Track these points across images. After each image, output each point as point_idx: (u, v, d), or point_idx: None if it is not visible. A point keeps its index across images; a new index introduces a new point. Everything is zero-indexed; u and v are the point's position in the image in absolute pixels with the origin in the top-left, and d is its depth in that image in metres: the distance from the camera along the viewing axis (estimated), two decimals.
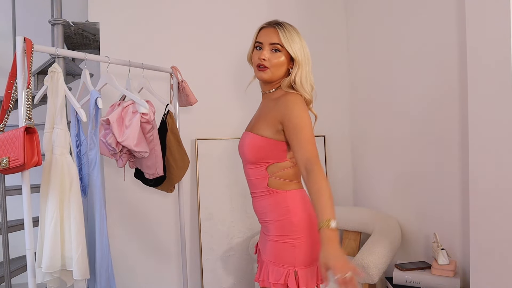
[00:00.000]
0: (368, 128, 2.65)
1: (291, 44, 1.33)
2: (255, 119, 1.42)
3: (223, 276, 2.53)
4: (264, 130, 1.33)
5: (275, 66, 1.34)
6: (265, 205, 1.37)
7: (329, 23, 2.84)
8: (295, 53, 1.33)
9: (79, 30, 2.46)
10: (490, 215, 1.44)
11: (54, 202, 1.52)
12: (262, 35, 1.37)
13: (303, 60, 1.35)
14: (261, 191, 1.37)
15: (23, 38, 1.46)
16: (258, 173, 1.36)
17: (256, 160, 1.35)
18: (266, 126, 1.34)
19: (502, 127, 1.38)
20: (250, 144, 1.35)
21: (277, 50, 1.34)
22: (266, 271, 1.33)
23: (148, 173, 1.95)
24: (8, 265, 1.96)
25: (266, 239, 1.38)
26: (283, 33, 1.33)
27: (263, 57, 1.33)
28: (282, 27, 1.35)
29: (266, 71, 1.35)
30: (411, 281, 1.87)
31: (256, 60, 1.36)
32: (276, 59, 1.34)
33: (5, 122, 1.52)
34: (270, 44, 1.34)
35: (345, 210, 2.59)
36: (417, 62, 2.12)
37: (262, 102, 1.47)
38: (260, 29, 1.39)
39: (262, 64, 1.34)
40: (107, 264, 1.64)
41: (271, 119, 1.33)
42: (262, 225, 1.43)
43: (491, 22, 1.40)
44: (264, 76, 1.36)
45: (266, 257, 1.35)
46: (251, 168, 1.38)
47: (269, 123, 1.33)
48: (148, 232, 2.48)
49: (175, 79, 2.20)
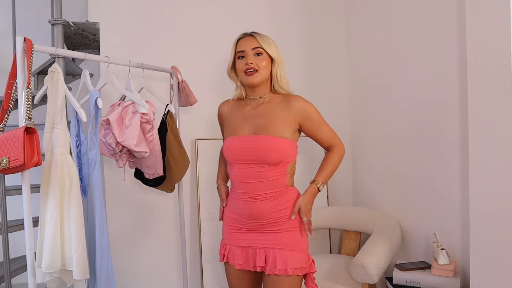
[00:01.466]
0: (368, 128, 2.65)
1: (269, 47, 1.49)
2: (265, 123, 1.49)
3: (223, 276, 2.53)
4: (285, 132, 1.46)
5: (263, 68, 1.48)
6: (282, 202, 1.48)
7: (329, 23, 2.84)
8: (273, 54, 1.49)
9: (79, 30, 2.46)
10: (490, 215, 1.44)
11: (54, 202, 1.52)
12: (242, 44, 1.50)
13: (280, 60, 1.51)
14: (279, 190, 1.47)
15: (23, 38, 1.46)
16: (279, 173, 1.47)
17: (280, 161, 1.46)
18: (285, 129, 1.47)
19: (502, 127, 1.38)
20: (277, 146, 1.44)
21: (260, 54, 1.48)
22: (282, 259, 1.43)
23: (148, 173, 1.95)
24: (8, 265, 1.96)
25: (278, 231, 1.48)
26: (261, 38, 1.49)
27: (250, 61, 1.46)
28: (258, 34, 1.50)
29: (255, 74, 1.47)
30: (411, 281, 1.87)
31: (242, 67, 1.48)
32: (261, 62, 1.48)
33: (5, 122, 1.52)
34: (252, 49, 1.48)
35: (345, 210, 2.59)
36: (417, 62, 2.12)
37: (249, 106, 1.56)
38: (237, 40, 1.54)
39: (250, 68, 1.46)
40: (107, 264, 1.64)
41: (290, 121, 1.48)
42: (272, 223, 1.48)
43: (491, 22, 1.40)
44: (254, 80, 1.48)
45: (283, 247, 1.45)
46: (271, 169, 1.46)
47: (289, 125, 1.48)
48: (148, 232, 2.48)
49: (175, 79, 2.20)
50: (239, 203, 1.52)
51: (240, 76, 1.51)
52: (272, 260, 1.45)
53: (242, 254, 1.52)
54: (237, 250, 1.53)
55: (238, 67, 1.50)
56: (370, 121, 2.62)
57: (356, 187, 2.85)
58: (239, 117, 1.55)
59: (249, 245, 1.51)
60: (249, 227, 1.51)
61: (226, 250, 1.57)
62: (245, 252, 1.52)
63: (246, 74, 1.47)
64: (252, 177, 1.47)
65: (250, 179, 1.47)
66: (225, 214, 1.62)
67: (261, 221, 1.48)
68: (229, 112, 1.61)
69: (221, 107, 1.68)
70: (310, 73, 2.74)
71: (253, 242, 1.50)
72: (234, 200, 1.55)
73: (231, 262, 1.54)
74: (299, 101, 1.51)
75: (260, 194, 1.47)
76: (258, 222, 1.49)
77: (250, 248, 1.51)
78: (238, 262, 1.52)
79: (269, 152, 1.44)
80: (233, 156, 1.50)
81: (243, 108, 1.57)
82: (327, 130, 1.57)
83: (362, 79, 2.70)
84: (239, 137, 1.50)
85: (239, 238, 1.53)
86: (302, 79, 2.74)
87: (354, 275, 1.86)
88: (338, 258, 2.38)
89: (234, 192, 1.56)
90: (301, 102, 1.50)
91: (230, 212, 1.58)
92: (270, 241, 1.48)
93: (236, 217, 1.55)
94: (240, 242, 1.53)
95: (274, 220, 1.48)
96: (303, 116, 1.50)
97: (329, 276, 2.06)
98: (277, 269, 1.43)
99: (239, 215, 1.53)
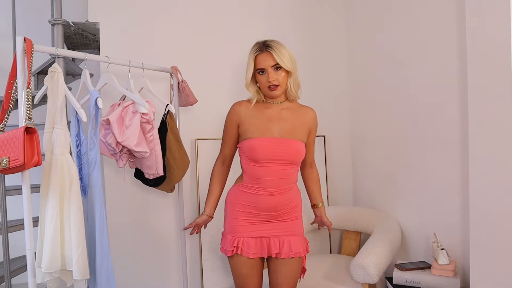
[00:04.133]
0: (368, 128, 2.65)
1: (284, 60, 1.62)
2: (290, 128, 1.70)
3: (223, 276, 2.53)
4: (303, 137, 1.72)
5: (282, 82, 1.65)
6: (294, 193, 1.74)
7: (329, 23, 2.84)
8: (289, 68, 1.64)
9: (79, 30, 2.46)
10: (490, 215, 1.44)
11: (54, 202, 1.52)
12: (261, 61, 1.64)
13: (293, 68, 1.67)
14: (292, 184, 1.72)
15: (23, 38, 1.46)
16: (296, 170, 1.72)
17: (300, 161, 1.73)
18: (304, 135, 1.73)
19: (502, 127, 1.38)
20: (301, 150, 1.70)
21: (278, 68, 1.64)
22: (300, 244, 1.70)
23: (148, 173, 1.95)
24: (8, 265, 1.96)
25: (288, 220, 1.71)
26: (276, 54, 1.62)
27: (271, 79, 1.63)
28: (272, 49, 1.63)
29: (277, 88, 1.65)
30: (411, 281, 1.87)
31: (265, 83, 1.65)
32: (281, 76, 1.64)
33: (5, 122, 1.52)
34: (271, 67, 1.63)
35: (345, 210, 2.59)
36: (417, 62, 2.12)
37: (271, 109, 1.72)
38: (255, 56, 1.66)
39: (273, 84, 1.64)
40: (107, 264, 1.64)
41: (305, 129, 1.74)
42: (285, 213, 1.70)
43: (491, 22, 1.40)
44: (277, 93, 1.67)
45: (297, 232, 1.71)
46: (292, 167, 1.69)
47: (305, 132, 1.74)
48: (148, 232, 2.48)
49: (175, 79, 2.20)
50: (259, 198, 1.67)
51: (264, 90, 1.69)
52: (288, 245, 1.67)
53: (256, 243, 1.68)
54: (251, 240, 1.68)
55: (261, 83, 1.67)
56: (370, 121, 2.62)
57: (356, 187, 2.85)
58: (264, 119, 1.70)
59: (263, 235, 1.69)
60: (265, 218, 1.69)
61: (240, 242, 1.67)
62: (260, 242, 1.68)
63: (270, 89, 1.65)
64: (278, 175, 1.66)
65: (276, 176, 1.66)
66: (234, 209, 1.73)
67: (277, 212, 1.68)
68: (250, 113, 1.71)
69: (238, 106, 1.74)
70: (310, 73, 2.74)
71: (268, 231, 1.69)
72: (252, 195, 1.69)
73: (244, 253, 1.67)
74: (313, 113, 1.79)
75: (281, 188, 1.67)
76: (274, 214, 1.68)
77: (264, 237, 1.68)
78: (252, 251, 1.67)
79: (296, 154, 1.68)
80: (264, 155, 1.64)
81: (266, 110, 1.72)
82: (313, 148, 1.86)
83: (362, 79, 2.70)
84: (269, 139, 1.66)
85: (253, 230, 1.69)
86: (302, 79, 2.70)
87: (354, 275, 1.86)
88: (338, 258, 2.38)
89: (253, 188, 1.69)
90: (314, 115, 1.79)
91: (243, 207, 1.71)
92: (284, 229, 1.69)
93: (252, 211, 1.69)
94: (254, 233, 1.68)
95: (286, 210, 1.70)
96: (312, 127, 1.78)
97: (329, 276, 2.06)
98: (293, 252, 1.66)
99: (256, 208, 1.68)
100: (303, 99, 1.82)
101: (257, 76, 1.68)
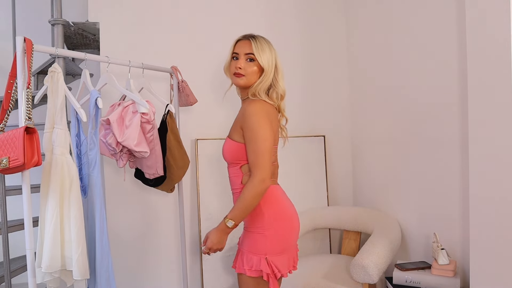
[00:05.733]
0: (368, 128, 2.65)
1: (261, 54, 1.53)
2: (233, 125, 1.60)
3: (223, 276, 2.53)
4: (234, 135, 1.55)
5: (250, 74, 1.54)
6: None
7: (329, 23, 2.84)
8: (263, 63, 1.53)
9: (79, 30, 2.46)
10: (490, 215, 1.44)
11: (54, 202, 1.52)
12: (238, 46, 1.58)
13: (269, 69, 1.54)
14: (237, 188, 1.58)
15: (23, 38, 1.46)
16: (234, 171, 1.58)
17: (231, 161, 1.57)
18: (234, 131, 1.55)
19: (502, 127, 1.38)
20: (225, 147, 1.58)
21: (251, 60, 1.54)
22: (241, 259, 1.54)
23: (148, 173, 1.95)
24: (8, 265, 1.96)
25: (244, 230, 1.60)
26: (255, 45, 1.54)
27: (239, 65, 1.54)
28: (255, 39, 1.55)
29: (241, 77, 1.55)
30: (411, 281, 1.87)
31: (233, 69, 1.56)
32: (250, 68, 1.54)
33: (5, 122, 1.52)
34: (245, 54, 1.54)
35: (345, 210, 2.59)
36: (417, 62, 2.12)
37: None
38: (236, 41, 1.60)
39: (238, 72, 1.54)
40: (107, 264, 1.64)
41: (236, 124, 1.55)
42: None
43: (491, 22, 1.40)
44: (240, 82, 1.56)
45: (242, 247, 1.56)
46: (230, 167, 1.60)
47: (237, 129, 1.54)
48: (148, 232, 2.48)
49: (175, 79, 2.20)
50: None
51: (230, 76, 1.61)
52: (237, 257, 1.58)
53: None
54: None
55: (230, 68, 1.59)
56: (370, 121, 2.62)
57: (356, 187, 2.85)
58: None
59: None
60: None
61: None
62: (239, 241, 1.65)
63: (234, 75, 1.57)
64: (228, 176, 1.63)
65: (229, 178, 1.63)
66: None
67: None
68: None
69: None
70: (310, 74, 2.74)
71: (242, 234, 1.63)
72: None
73: None
74: (248, 107, 1.49)
75: (231, 189, 1.63)
76: None
77: None
78: None
79: (224, 153, 1.59)
80: None
81: None
82: (253, 149, 1.44)
83: (362, 79, 2.70)
84: None
85: None
86: (302, 80, 2.74)
87: (354, 275, 1.86)
88: (338, 258, 2.38)
89: None
90: (248, 109, 1.48)
91: None
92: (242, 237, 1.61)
93: None
94: None
95: None
96: (242, 123, 1.50)
97: (329, 276, 2.06)
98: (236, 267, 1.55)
99: None
100: (303, 99, 1.82)
101: (231, 62, 1.59)
